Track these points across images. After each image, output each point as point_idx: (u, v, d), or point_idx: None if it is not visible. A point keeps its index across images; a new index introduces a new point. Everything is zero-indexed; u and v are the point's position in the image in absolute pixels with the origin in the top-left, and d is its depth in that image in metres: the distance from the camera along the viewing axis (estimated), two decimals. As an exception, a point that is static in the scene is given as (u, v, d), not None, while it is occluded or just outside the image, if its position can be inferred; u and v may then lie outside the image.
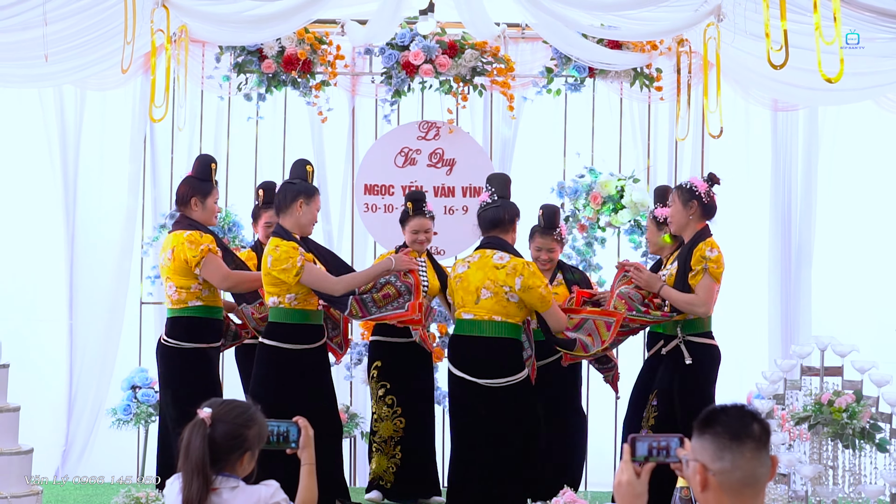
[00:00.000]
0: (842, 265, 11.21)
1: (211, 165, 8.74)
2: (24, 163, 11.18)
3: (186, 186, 8.67)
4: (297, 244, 8.11)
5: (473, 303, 8.01)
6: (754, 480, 3.61)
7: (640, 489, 3.84)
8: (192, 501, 4.51)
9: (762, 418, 3.68)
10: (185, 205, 8.65)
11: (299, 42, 10.39)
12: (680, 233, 8.32)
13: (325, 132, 11.05)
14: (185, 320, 8.58)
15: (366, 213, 10.61)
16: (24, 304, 11.16)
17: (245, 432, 4.60)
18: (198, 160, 8.89)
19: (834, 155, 11.26)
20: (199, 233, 8.51)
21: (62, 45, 9.32)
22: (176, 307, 8.60)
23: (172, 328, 8.63)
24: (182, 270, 8.50)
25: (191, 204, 8.62)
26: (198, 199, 8.62)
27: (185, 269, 8.48)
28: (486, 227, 8.23)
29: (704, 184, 8.38)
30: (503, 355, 7.99)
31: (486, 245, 8.18)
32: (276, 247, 8.07)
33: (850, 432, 7.52)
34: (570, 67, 10.55)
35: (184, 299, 8.55)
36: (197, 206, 8.62)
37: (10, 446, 7.22)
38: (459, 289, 8.11)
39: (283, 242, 8.08)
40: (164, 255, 8.61)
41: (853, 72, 9.50)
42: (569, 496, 7.21)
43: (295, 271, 8.02)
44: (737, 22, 9.12)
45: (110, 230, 11.03)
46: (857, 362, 7.72)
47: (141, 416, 10.46)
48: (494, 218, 8.19)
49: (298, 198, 8.25)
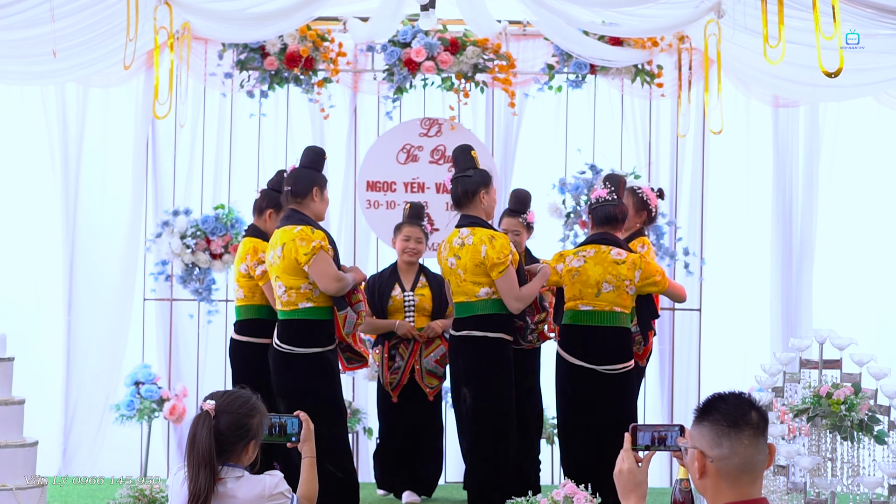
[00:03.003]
0: (843, 260, 11.24)
1: (323, 156, 8.40)
2: (26, 160, 11.17)
3: (306, 177, 8.20)
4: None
5: (594, 295, 8.44)
6: (752, 467, 3.65)
7: (641, 477, 3.89)
8: (199, 493, 4.55)
9: (760, 406, 3.72)
10: (305, 197, 8.15)
11: (301, 39, 10.42)
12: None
13: (327, 129, 11.08)
14: (296, 323, 8.10)
15: (368, 209, 10.64)
16: (24, 301, 11.16)
17: (249, 422, 4.65)
18: (311, 150, 8.42)
19: (835, 151, 11.28)
20: (310, 228, 8.06)
21: (66, 42, 9.34)
22: (285, 309, 8.10)
23: (284, 332, 8.14)
24: (292, 269, 8.02)
25: (312, 194, 8.14)
26: (318, 190, 8.18)
27: (296, 268, 8.01)
28: (600, 223, 8.62)
29: (656, 198, 9.22)
30: (623, 343, 8.50)
31: (599, 241, 8.56)
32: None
33: (848, 424, 7.56)
34: (571, 64, 10.59)
35: (293, 301, 8.06)
36: (316, 197, 8.17)
37: (14, 439, 7.26)
38: (577, 282, 8.49)
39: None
40: (273, 253, 8.13)
41: (853, 68, 9.53)
42: (569, 488, 7.25)
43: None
44: (736, 18, 9.15)
45: (113, 227, 11.05)
46: (856, 355, 7.75)
47: (144, 412, 10.50)
48: (610, 215, 8.59)
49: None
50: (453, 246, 8.29)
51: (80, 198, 11.08)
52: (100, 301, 11.01)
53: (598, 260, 8.46)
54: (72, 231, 11.06)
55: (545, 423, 9.93)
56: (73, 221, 11.05)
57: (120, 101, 11.10)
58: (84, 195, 11.11)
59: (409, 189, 10.63)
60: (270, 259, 8.16)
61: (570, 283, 8.54)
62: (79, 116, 11.07)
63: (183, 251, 10.46)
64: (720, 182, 11.25)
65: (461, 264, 8.21)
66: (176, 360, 10.93)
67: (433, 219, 10.11)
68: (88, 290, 11.08)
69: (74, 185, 11.06)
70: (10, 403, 7.32)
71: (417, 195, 10.57)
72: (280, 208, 8.63)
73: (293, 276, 8.00)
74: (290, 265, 7.98)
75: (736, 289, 11.26)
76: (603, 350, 8.44)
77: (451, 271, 8.31)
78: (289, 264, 7.98)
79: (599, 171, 10.54)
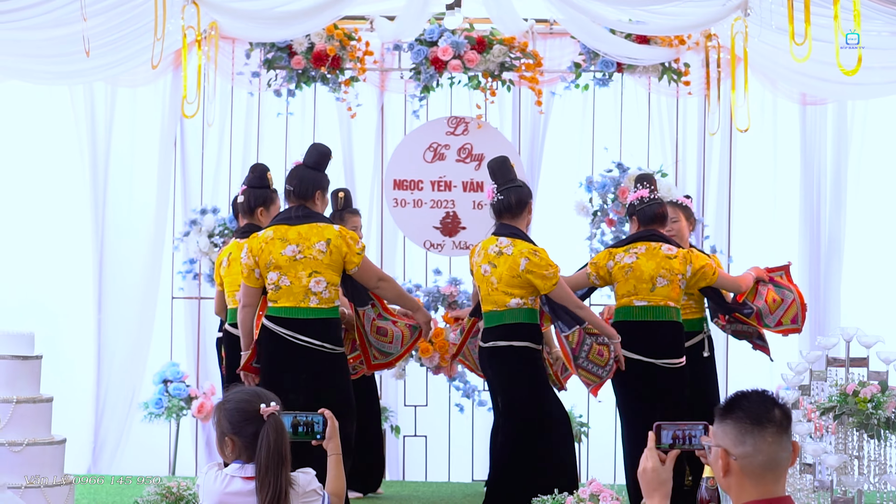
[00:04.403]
0: (871, 259, 11.20)
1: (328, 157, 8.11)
2: (55, 160, 11.24)
3: (310, 179, 7.97)
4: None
5: (649, 290, 8.54)
6: (776, 465, 3.65)
7: (665, 476, 3.89)
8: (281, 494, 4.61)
9: (783, 403, 3.72)
10: (307, 199, 7.93)
11: (328, 38, 10.45)
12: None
13: (354, 128, 11.12)
14: (337, 322, 7.92)
15: (395, 208, 10.66)
16: (53, 300, 11.23)
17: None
18: (315, 150, 8.15)
19: (863, 148, 11.24)
20: (345, 229, 7.97)
21: (95, 42, 9.33)
22: (325, 306, 7.80)
23: (327, 330, 7.83)
24: (337, 266, 7.80)
25: (315, 198, 7.93)
26: (321, 194, 7.97)
27: (340, 266, 7.81)
28: (647, 221, 8.71)
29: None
30: (678, 337, 8.64)
31: (648, 237, 8.66)
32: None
33: (874, 422, 7.55)
34: (598, 63, 10.59)
35: (332, 298, 7.81)
36: (318, 200, 7.95)
37: (43, 436, 7.29)
38: (631, 278, 8.55)
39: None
40: (315, 249, 7.78)
41: (880, 65, 9.52)
42: (595, 486, 7.25)
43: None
44: (763, 16, 9.14)
45: (141, 226, 11.10)
46: (883, 353, 7.74)
47: (172, 410, 10.55)
48: (657, 214, 8.70)
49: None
50: (489, 253, 8.24)
51: (108, 197, 11.13)
52: (128, 300, 11.06)
53: (651, 255, 8.54)
54: (100, 230, 11.11)
55: (573, 421, 9.94)
56: (101, 220, 11.11)
57: (148, 101, 11.15)
58: (112, 194, 11.16)
59: (436, 188, 10.64)
60: (290, 252, 7.75)
61: (623, 280, 8.60)
62: (107, 116, 11.12)
63: (211, 250, 10.50)
64: (747, 180, 11.23)
65: (496, 273, 8.18)
66: (204, 359, 10.96)
67: (459, 217, 10.12)
68: (117, 289, 11.12)
69: (103, 185, 11.11)
70: (39, 401, 7.35)
71: (444, 193, 10.58)
72: (267, 205, 8.56)
73: (335, 273, 7.81)
74: (337, 262, 7.79)
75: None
76: (660, 345, 8.56)
77: (483, 278, 8.27)
78: (336, 261, 7.78)
79: (626, 170, 10.54)
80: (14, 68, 10.02)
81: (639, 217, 8.73)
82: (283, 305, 7.73)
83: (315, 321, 7.75)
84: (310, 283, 7.73)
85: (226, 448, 4.74)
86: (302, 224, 7.80)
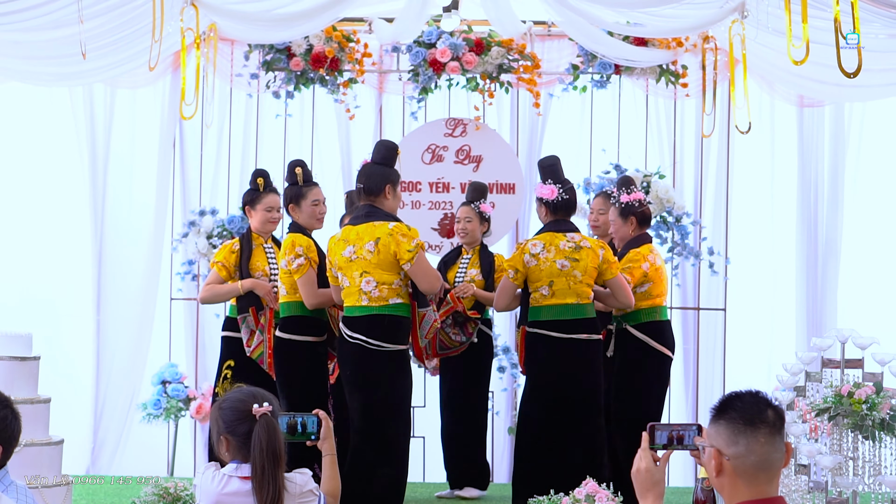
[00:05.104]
0: (868, 260, 11.22)
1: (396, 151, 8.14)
2: (54, 161, 11.26)
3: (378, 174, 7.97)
4: None
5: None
6: (769, 465, 3.66)
7: (659, 476, 3.91)
8: (278, 494, 4.63)
9: (776, 404, 3.74)
10: (378, 195, 7.94)
11: (327, 40, 10.47)
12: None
13: (353, 129, 11.13)
14: (386, 319, 7.85)
15: (393, 209, 10.67)
16: (53, 300, 11.24)
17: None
18: (382, 145, 8.18)
19: (860, 150, 11.25)
20: (405, 225, 7.91)
21: (94, 44, 9.36)
22: (375, 304, 7.81)
23: (372, 327, 7.83)
24: (388, 265, 7.79)
25: (385, 192, 7.98)
26: (391, 187, 7.96)
27: (392, 264, 7.79)
28: (647, 223, 8.98)
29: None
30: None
31: (650, 241, 8.95)
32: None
33: (869, 424, 7.56)
34: (595, 64, 10.61)
35: (385, 296, 7.81)
36: (389, 195, 7.96)
37: (41, 437, 7.31)
38: (664, 277, 8.93)
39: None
40: (365, 249, 7.78)
41: (879, 68, 9.53)
42: (591, 487, 7.26)
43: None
44: (760, 18, 9.16)
45: (140, 227, 11.11)
46: (878, 354, 7.76)
47: (171, 411, 10.57)
48: (649, 216, 8.99)
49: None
50: (563, 249, 8.30)
51: (107, 198, 11.15)
52: (127, 300, 11.08)
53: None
54: (100, 231, 11.12)
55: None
56: (101, 221, 11.12)
57: (147, 102, 11.17)
58: (112, 195, 11.18)
59: (434, 189, 10.67)
60: (347, 253, 7.84)
61: (661, 280, 8.83)
62: (106, 117, 11.14)
63: (209, 251, 10.51)
64: (745, 182, 11.25)
65: (580, 266, 8.27)
66: (202, 360, 10.98)
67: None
68: (116, 290, 11.14)
69: (102, 186, 11.13)
70: (36, 402, 7.37)
71: (442, 195, 10.61)
72: (297, 202, 8.52)
73: (387, 272, 7.81)
74: (387, 260, 7.79)
75: (761, 288, 11.25)
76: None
77: (561, 272, 8.30)
78: (385, 259, 7.78)
79: (624, 171, 10.54)
80: (14, 70, 10.04)
81: (637, 219, 8.86)
82: (347, 305, 7.92)
83: (362, 318, 7.84)
84: (361, 282, 7.82)
85: (222, 447, 4.76)
86: (362, 223, 7.89)
